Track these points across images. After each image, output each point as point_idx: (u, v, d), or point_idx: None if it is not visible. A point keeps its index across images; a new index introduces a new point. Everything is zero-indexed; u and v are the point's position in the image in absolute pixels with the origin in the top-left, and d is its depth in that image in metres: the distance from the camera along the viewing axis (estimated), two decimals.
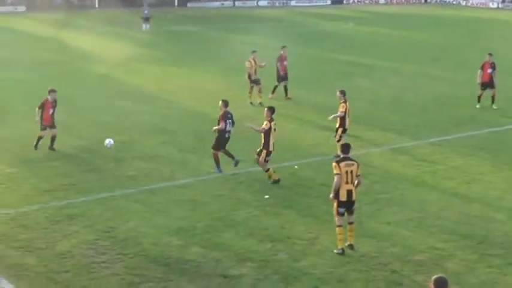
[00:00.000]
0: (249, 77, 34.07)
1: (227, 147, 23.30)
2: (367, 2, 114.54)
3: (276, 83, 35.16)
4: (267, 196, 21.25)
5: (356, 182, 17.23)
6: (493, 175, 23.82)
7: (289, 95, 34.80)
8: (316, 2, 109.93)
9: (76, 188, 21.81)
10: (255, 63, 34.01)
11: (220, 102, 23.61)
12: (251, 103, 33.62)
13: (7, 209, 19.89)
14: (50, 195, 21.17)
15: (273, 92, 35.13)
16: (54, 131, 26.07)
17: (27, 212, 19.74)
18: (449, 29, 73.79)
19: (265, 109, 22.92)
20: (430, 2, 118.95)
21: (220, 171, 23.36)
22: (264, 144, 22.40)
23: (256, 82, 33.98)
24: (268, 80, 34.37)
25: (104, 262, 16.67)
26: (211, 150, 23.38)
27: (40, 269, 16.32)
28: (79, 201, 20.64)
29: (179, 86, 38.43)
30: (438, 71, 45.60)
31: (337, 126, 25.32)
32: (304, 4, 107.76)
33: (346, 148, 17.65)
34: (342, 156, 17.61)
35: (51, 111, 26.00)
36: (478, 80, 33.60)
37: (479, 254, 17.47)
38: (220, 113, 23.30)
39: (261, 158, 22.44)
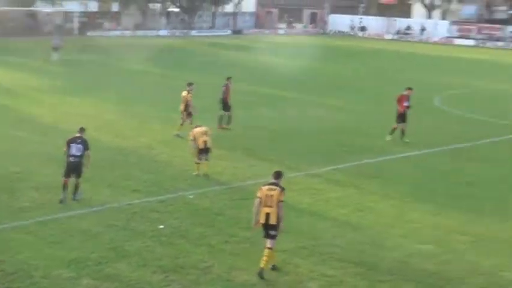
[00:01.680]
0: (186, 108, 33.34)
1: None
2: (266, 32, 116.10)
3: (222, 113, 35.23)
4: (161, 226, 21.15)
5: (276, 206, 17.73)
6: (385, 203, 24.39)
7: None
8: (216, 31, 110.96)
9: None
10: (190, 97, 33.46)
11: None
12: (178, 135, 33.20)
13: None
14: None
15: (228, 122, 35.35)
16: None
17: None
18: (348, 59, 75.31)
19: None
20: (329, 33, 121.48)
21: (62, 200, 22.95)
22: None
23: (190, 115, 33.39)
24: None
25: None
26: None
27: None
28: None
29: (76, 115, 37.89)
30: (336, 101, 46.71)
31: None
32: (205, 34, 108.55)
33: (275, 174, 18.45)
34: (271, 181, 18.27)
35: None
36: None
37: (369, 280, 17.83)
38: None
39: None
